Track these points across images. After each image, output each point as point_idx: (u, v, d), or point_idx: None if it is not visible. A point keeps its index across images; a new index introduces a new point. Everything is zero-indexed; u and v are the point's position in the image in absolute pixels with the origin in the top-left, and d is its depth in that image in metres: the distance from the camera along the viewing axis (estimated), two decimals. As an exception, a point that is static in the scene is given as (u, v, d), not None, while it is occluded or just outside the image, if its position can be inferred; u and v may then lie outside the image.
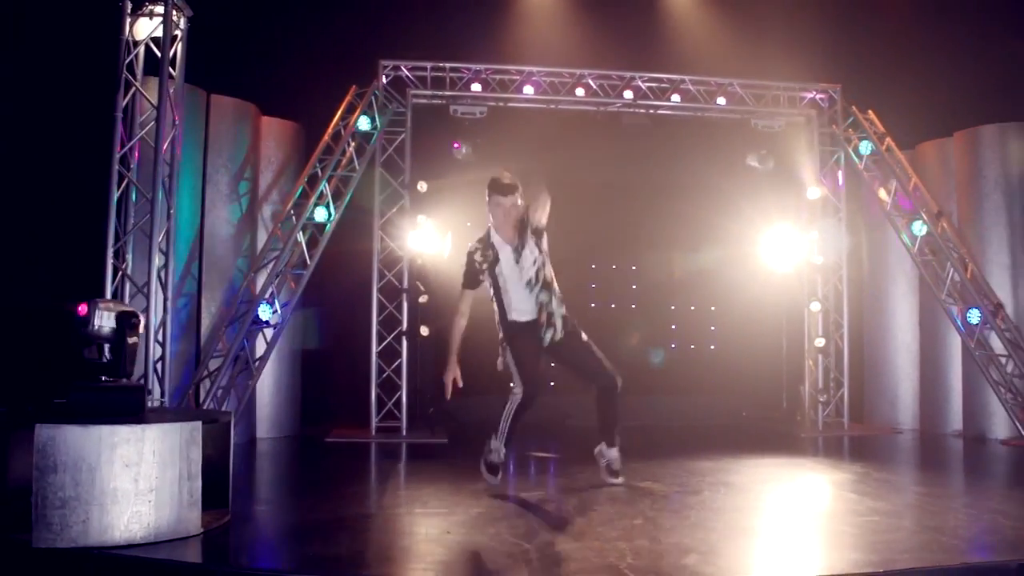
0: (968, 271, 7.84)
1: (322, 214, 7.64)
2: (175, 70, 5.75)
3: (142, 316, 4.64)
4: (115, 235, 5.43)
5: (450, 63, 8.42)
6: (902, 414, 8.78)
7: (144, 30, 5.65)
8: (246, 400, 7.06)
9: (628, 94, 8.75)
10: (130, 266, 5.64)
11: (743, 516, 4.64)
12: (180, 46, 5.78)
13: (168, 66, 5.59)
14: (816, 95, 8.96)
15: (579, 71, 8.65)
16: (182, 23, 5.76)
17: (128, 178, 5.53)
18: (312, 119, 8.20)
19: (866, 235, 9.08)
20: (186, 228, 6.78)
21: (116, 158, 5.44)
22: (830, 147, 8.91)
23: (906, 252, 8.44)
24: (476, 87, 8.49)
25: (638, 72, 8.72)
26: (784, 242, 8.91)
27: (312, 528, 4.20)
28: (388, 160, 8.26)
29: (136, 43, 5.65)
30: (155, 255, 5.42)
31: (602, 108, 8.83)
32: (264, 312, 7.17)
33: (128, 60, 5.56)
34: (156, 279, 5.44)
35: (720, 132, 9.07)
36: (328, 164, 7.75)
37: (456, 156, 8.38)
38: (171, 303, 5.70)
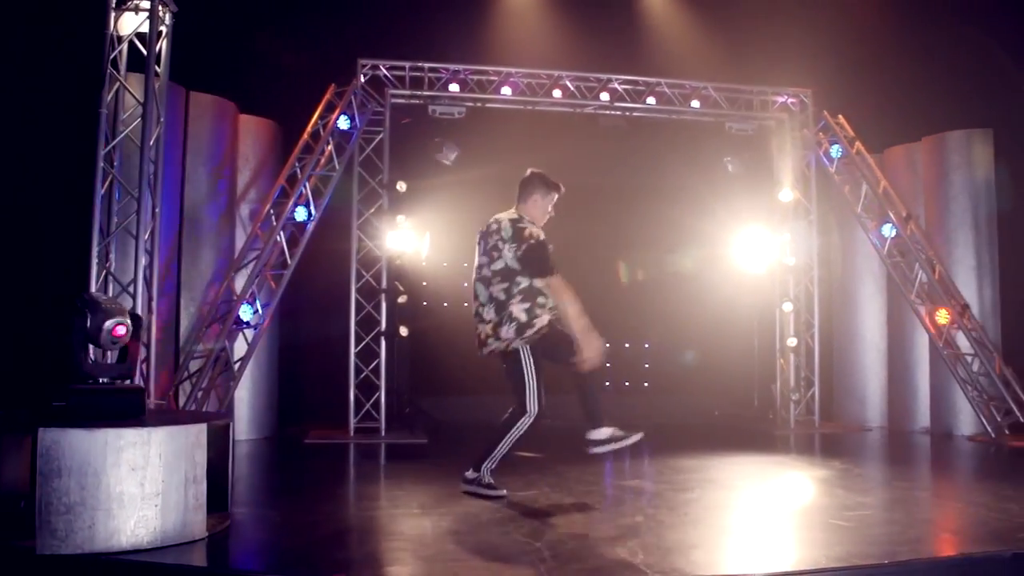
0: (936, 272, 8.07)
1: (302, 213, 7.57)
2: (160, 66, 5.64)
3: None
4: (100, 233, 5.30)
5: (429, 63, 8.41)
6: (870, 412, 8.99)
7: (129, 25, 5.53)
8: (228, 402, 6.95)
9: (604, 96, 8.83)
10: (113, 265, 5.52)
11: (738, 512, 4.73)
12: (165, 42, 5.68)
13: (153, 62, 5.48)
14: (788, 99, 9.14)
15: (556, 72, 8.70)
16: (167, 19, 5.66)
17: (113, 175, 5.42)
18: (289, 117, 8.12)
19: (836, 237, 9.29)
20: (166, 227, 6.64)
21: (101, 155, 5.32)
22: (801, 150, 9.08)
23: (874, 254, 8.67)
24: (454, 87, 8.49)
25: (615, 74, 8.80)
26: (757, 243, 9.07)
27: (319, 531, 4.17)
28: (366, 160, 8.21)
29: (120, 39, 5.53)
30: (141, 254, 5.32)
31: (579, 110, 8.90)
32: (245, 313, 7.08)
33: (112, 56, 5.44)
34: (142, 279, 5.34)
35: (695, 134, 9.20)
36: (307, 163, 7.68)
37: (443, 161, 8.37)
38: (155, 303, 5.60)
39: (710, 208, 9.39)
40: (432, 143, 8.45)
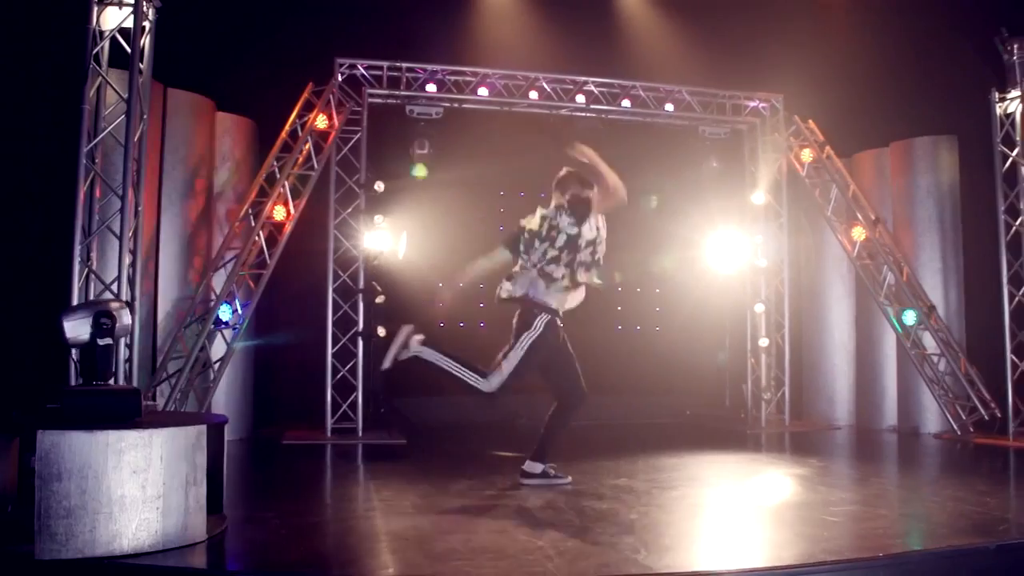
0: (904, 274, 8.28)
1: (281, 213, 7.50)
2: (143, 63, 5.56)
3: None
4: (82, 232, 5.20)
5: (406, 63, 8.39)
6: (839, 410, 9.18)
7: (111, 20, 5.44)
8: (208, 403, 6.86)
9: (581, 98, 8.90)
10: (94, 263, 5.43)
11: (728, 509, 4.81)
12: (148, 39, 5.59)
13: (137, 58, 5.40)
14: (760, 104, 9.31)
15: (533, 74, 8.75)
16: (151, 14, 5.58)
17: (96, 172, 5.32)
18: (266, 115, 8.04)
19: (805, 240, 9.48)
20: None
21: (83, 152, 5.23)
22: (773, 154, 9.26)
23: (843, 256, 8.88)
24: (431, 88, 8.48)
25: (591, 77, 8.87)
26: (729, 245, 9.21)
27: (320, 533, 4.15)
28: (343, 159, 8.17)
29: (102, 33, 5.44)
30: (125, 254, 5.24)
31: (555, 111, 8.95)
32: (224, 313, 6.99)
33: (95, 51, 5.35)
34: (126, 278, 5.25)
35: (669, 137, 9.33)
36: (286, 162, 7.62)
37: (415, 158, 8.37)
38: (138, 303, 5.51)
39: (684, 210, 9.53)
40: (410, 143, 8.46)
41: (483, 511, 4.59)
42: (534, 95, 8.78)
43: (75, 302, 5.10)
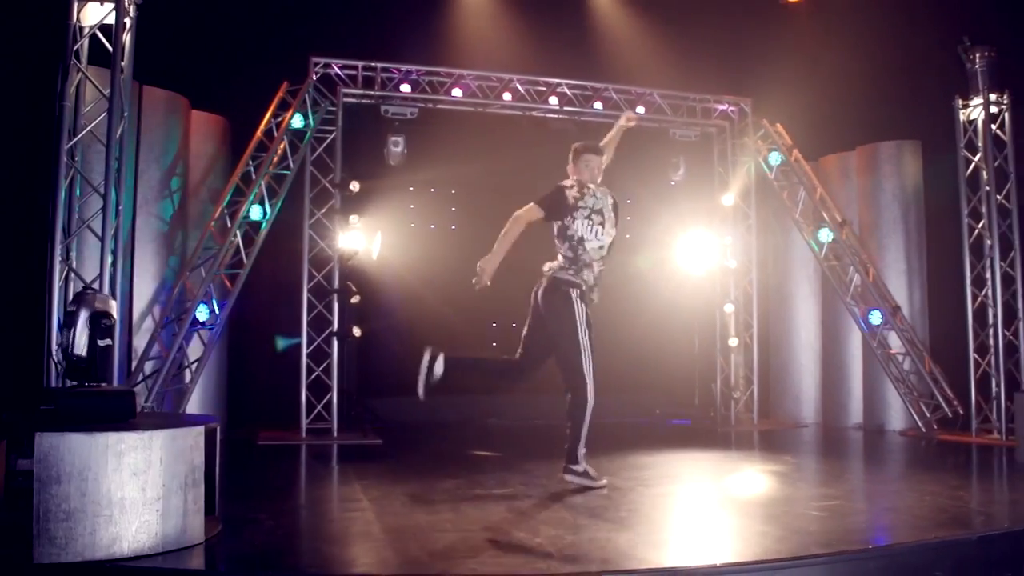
0: (870, 275, 8.50)
1: (257, 212, 7.44)
2: (124, 60, 5.47)
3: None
4: (63, 231, 5.11)
5: (381, 63, 8.37)
6: (805, 409, 9.39)
7: (92, 17, 5.35)
8: (185, 405, 6.77)
9: (554, 100, 8.97)
10: (73, 263, 5.33)
11: (716, 505, 4.90)
12: (129, 36, 5.51)
13: (120, 55, 5.32)
14: (728, 107, 9.47)
15: (507, 76, 8.79)
16: (132, 11, 5.49)
17: (76, 169, 5.23)
18: (241, 114, 7.96)
19: (773, 241, 9.67)
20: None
21: (64, 150, 5.14)
22: (742, 157, 9.43)
23: (810, 257, 9.08)
24: (406, 88, 8.48)
25: (564, 79, 8.95)
26: (699, 247, 9.35)
27: (318, 532, 4.16)
28: (318, 159, 8.12)
29: (82, 29, 5.34)
30: (107, 253, 5.15)
31: (528, 113, 9.01)
32: (201, 313, 6.91)
33: (75, 48, 5.25)
34: (108, 279, 5.17)
35: (641, 140, 9.41)
36: (262, 161, 7.55)
37: (389, 160, 8.36)
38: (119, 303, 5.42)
39: (655, 212, 9.65)
40: (385, 143, 8.44)
41: (475, 510, 4.61)
42: (508, 96, 8.83)
43: (55, 302, 5.01)
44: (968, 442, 7.51)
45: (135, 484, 3.46)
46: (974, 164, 7.80)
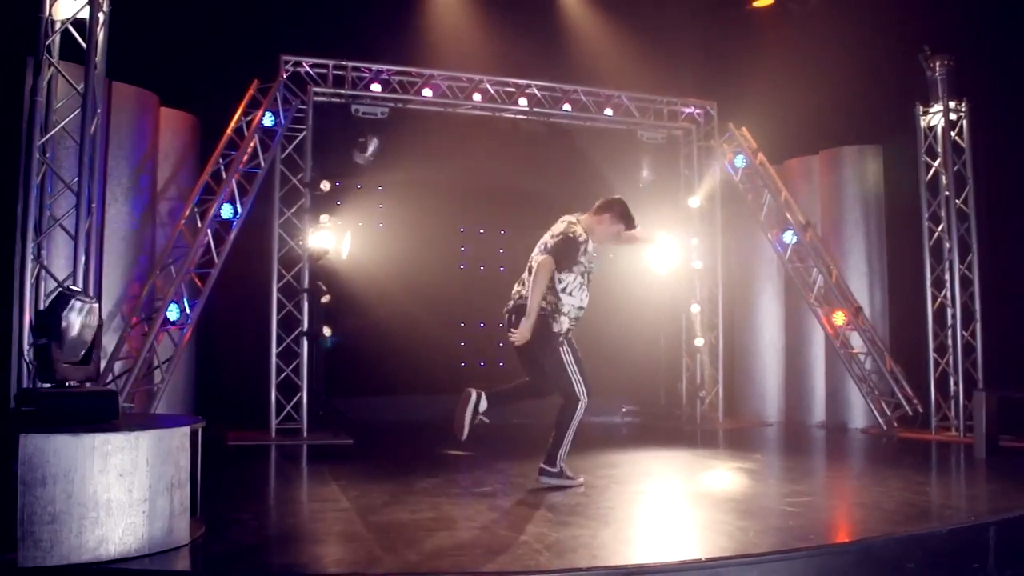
0: (833, 276, 8.71)
1: (228, 211, 7.37)
2: (97, 55, 5.37)
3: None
4: (35, 229, 5.01)
5: (352, 62, 8.35)
6: (769, 408, 9.58)
7: (64, 10, 5.24)
8: (156, 405, 6.68)
9: (523, 101, 9.03)
10: (44, 262, 5.22)
11: (692, 502, 5.00)
12: (103, 31, 5.41)
13: (94, 51, 5.23)
14: (695, 110, 9.62)
15: (478, 76, 8.83)
16: (105, 5, 5.40)
17: (48, 166, 5.13)
18: (209, 112, 7.87)
19: (739, 243, 9.84)
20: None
21: (37, 146, 5.03)
22: (708, 159, 9.58)
23: (774, 259, 9.27)
24: (376, 87, 8.46)
25: (533, 80, 9.01)
26: (666, 248, 9.46)
27: (302, 532, 4.15)
28: (287, 158, 8.06)
29: (54, 24, 5.24)
30: (80, 252, 5.06)
31: (498, 114, 9.05)
32: (173, 312, 6.82)
33: (47, 42, 5.15)
34: (81, 278, 5.08)
35: (609, 142, 9.52)
36: (232, 160, 7.48)
37: (358, 160, 8.32)
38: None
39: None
40: (355, 143, 8.40)
41: (457, 509, 4.64)
42: (478, 97, 8.87)
43: (28, 301, 4.91)
44: (928, 439, 7.73)
45: (121, 485, 3.43)
46: (934, 169, 8.03)
